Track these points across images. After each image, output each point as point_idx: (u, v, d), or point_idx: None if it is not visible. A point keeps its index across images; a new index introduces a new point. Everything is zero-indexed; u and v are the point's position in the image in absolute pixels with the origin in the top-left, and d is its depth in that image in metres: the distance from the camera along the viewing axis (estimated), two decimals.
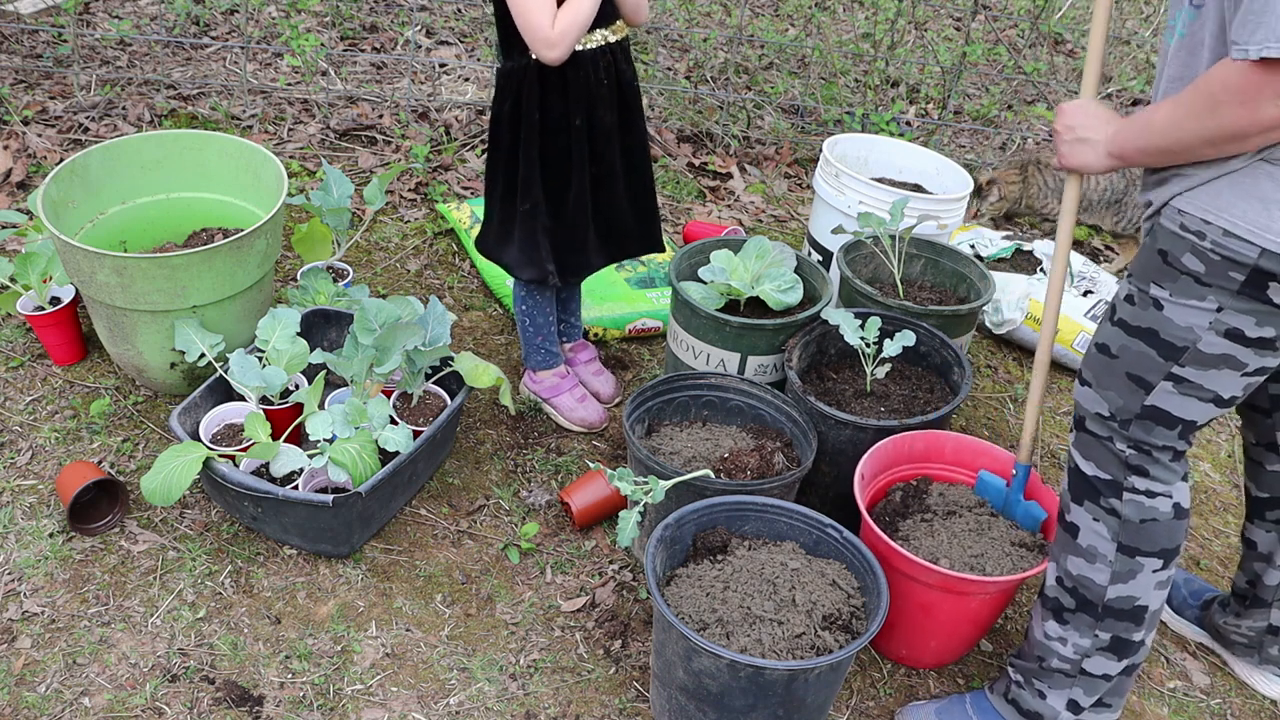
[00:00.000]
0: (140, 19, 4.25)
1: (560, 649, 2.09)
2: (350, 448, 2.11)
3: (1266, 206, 1.46)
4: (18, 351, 2.64)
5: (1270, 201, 1.46)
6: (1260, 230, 1.47)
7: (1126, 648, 1.78)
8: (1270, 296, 1.50)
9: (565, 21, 2.05)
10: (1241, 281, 1.50)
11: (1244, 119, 1.42)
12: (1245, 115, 1.41)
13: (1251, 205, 1.47)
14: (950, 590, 1.96)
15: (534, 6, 2.03)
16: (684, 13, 4.76)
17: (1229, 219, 1.49)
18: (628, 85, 2.26)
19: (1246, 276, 1.50)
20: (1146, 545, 1.72)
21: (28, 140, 3.39)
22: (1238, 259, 1.49)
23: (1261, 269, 1.48)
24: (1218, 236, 1.51)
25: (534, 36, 2.06)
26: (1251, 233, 1.47)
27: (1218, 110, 1.44)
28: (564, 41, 2.06)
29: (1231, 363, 1.57)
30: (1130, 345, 1.64)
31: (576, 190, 2.27)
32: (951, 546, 2.03)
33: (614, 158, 2.29)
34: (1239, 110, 1.42)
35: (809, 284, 2.63)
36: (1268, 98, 1.38)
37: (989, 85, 4.65)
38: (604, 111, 2.22)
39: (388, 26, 4.50)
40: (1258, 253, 1.47)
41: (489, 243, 2.41)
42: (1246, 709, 2.16)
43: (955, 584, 1.94)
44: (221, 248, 2.29)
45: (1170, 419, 1.65)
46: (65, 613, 2.04)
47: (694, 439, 2.32)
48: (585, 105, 2.19)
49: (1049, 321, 1.95)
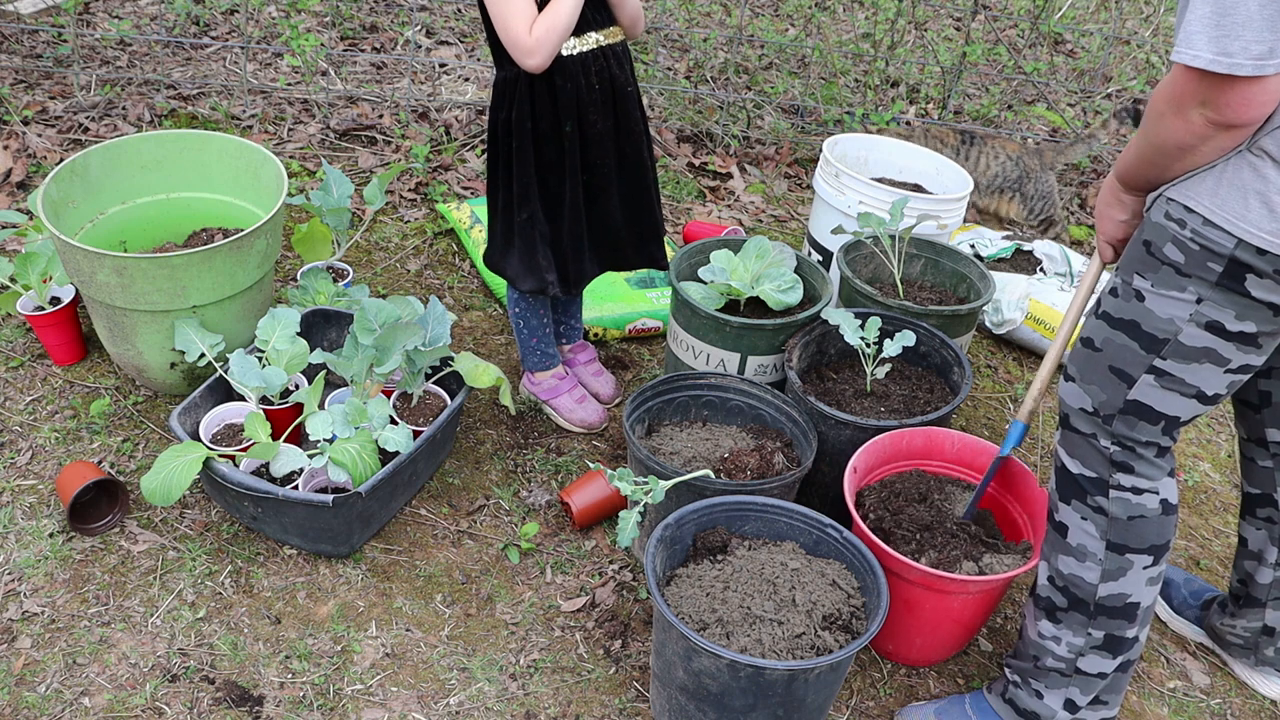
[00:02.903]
0: (140, 19, 4.25)
1: (560, 649, 2.09)
2: (350, 448, 2.11)
3: (1244, 196, 1.44)
4: (18, 351, 2.64)
5: (1249, 191, 1.44)
6: (1236, 220, 1.45)
7: (1120, 645, 1.78)
8: (1249, 289, 1.48)
9: (541, 28, 2.03)
10: (1219, 273, 1.49)
11: (1180, 128, 1.41)
12: (1180, 124, 1.41)
13: (1231, 194, 1.45)
14: (931, 588, 1.96)
15: (512, 14, 2.02)
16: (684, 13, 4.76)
17: (1208, 207, 1.48)
18: (622, 90, 2.22)
19: (1224, 268, 1.48)
20: (1135, 542, 1.72)
21: (28, 140, 3.39)
22: (1215, 249, 1.48)
23: (1238, 260, 1.46)
24: (1197, 225, 1.49)
25: (510, 43, 2.05)
26: (1229, 222, 1.46)
27: (1160, 121, 1.44)
28: (541, 49, 2.04)
29: (1213, 357, 1.56)
30: (1113, 338, 1.64)
31: (570, 198, 2.25)
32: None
33: (608, 165, 2.27)
34: (1175, 120, 1.41)
35: (809, 284, 2.63)
36: (1192, 105, 1.38)
37: (989, 85, 4.65)
38: (596, 117, 2.19)
39: (388, 26, 4.50)
40: (1234, 243, 1.46)
41: (494, 256, 2.38)
42: (1246, 709, 2.16)
43: (936, 582, 1.94)
44: (221, 248, 2.29)
45: (1153, 414, 1.64)
46: (65, 613, 2.04)
47: (694, 439, 2.32)
48: (575, 111, 2.17)
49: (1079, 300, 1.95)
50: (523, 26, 2.02)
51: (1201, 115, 1.38)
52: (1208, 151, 1.44)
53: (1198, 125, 1.39)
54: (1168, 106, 1.42)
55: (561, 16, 2.04)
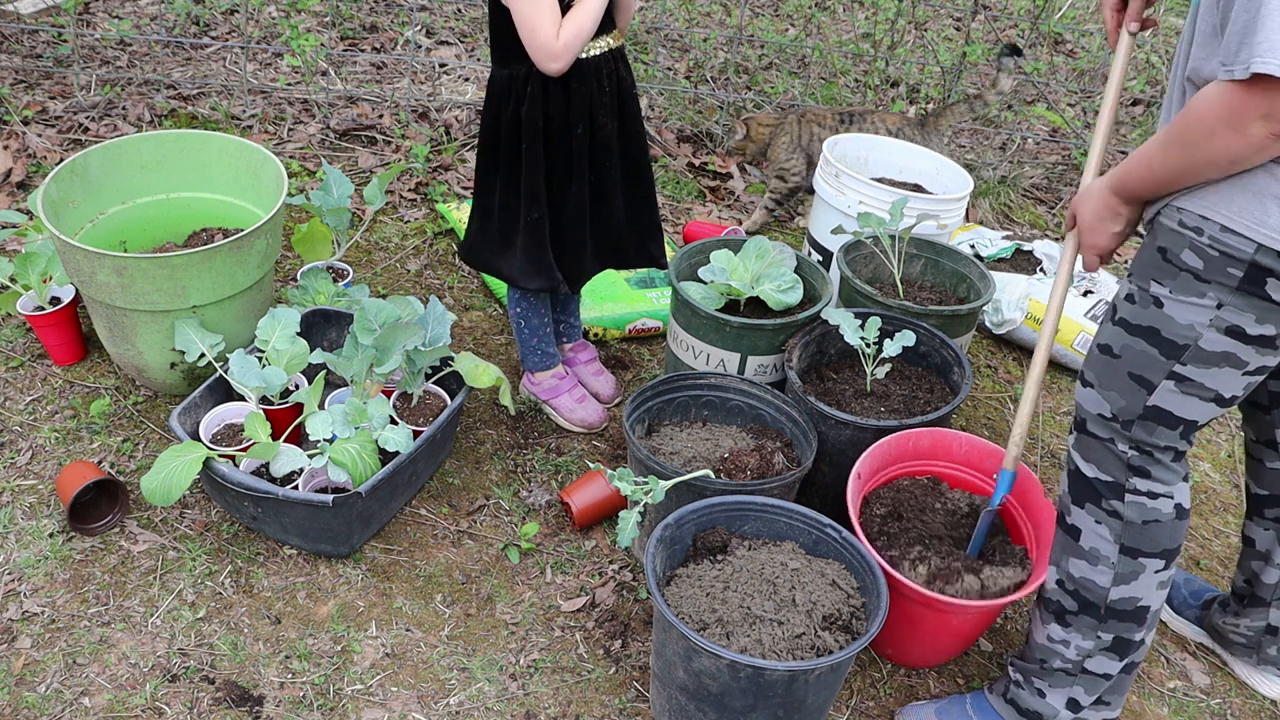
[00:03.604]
0: (140, 19, 4.25)
1: (560, 649, 2.09)
2: (350, 448, 2.11)
3: (1262, 201, 1.45)
4: (18, 351, 2.64)
5: (1266, 196, 1.45)
6: (1256, 225, 1.46)
7: (1128, 647, 1.78)
8: (1269, 293, 1.49)
9: (569, 33, 2.03)
10: (1240, 278, 1.50)
11: (1236, 142, 1.40)
12: (1237, 139, 1.40)
13: (1248, 200, 1.46)
14: (931, 607, 1.95)
15: (541, 19, 2.01)
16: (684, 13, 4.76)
17: (1226, 214, 1.48)
18: (627, 91, 2.26)
19: (1244, 273, 1.49)
20: (1149, 546, 1.72)
21: (28, 140, 3.39)
22: (1235, 255, 1.49)
23: (1259, 264, 1.47)
24: (1215, 232, 1.50)
25: (538, 47, 2.04)
26: (1248, 228, 1.46)
27: (1212, 137, 1.43)
28: (568, 53, 2.05)
29: (1233, 361, 1.57)
30: (1132, 345, 1.64)
31: (575, 198, 2.26)
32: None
33: (613, 165, 2.28)
34: (1230, 135, 1.40)
35: (809, 284, 2.63)
36: (1253, 118, 1.37)
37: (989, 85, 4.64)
38: (605, 118, 2.21)
39: (388, 26, 4.50)
40: (1254, 248, 1.47)
41: (480, 253, 2.37)
42: (1246, 709, 2.16)
43: (936, 603, 1.93)
44: (221, 248, 2.29)
45: (1172, 419, 1.64)
46: (65, 613, 2.04)
47: (694, 439, 2.32)
48: (588, 113, 2.18)
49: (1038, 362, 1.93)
50: (551, 30, 2.02)
51: (1265, 128, 1.37)
52: (1257, 162, 1.43)
53: (1258, 138, 1.38)
54: (1220, 123, 1.40)
55: (586, 21, 2.05)
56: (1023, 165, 4.08)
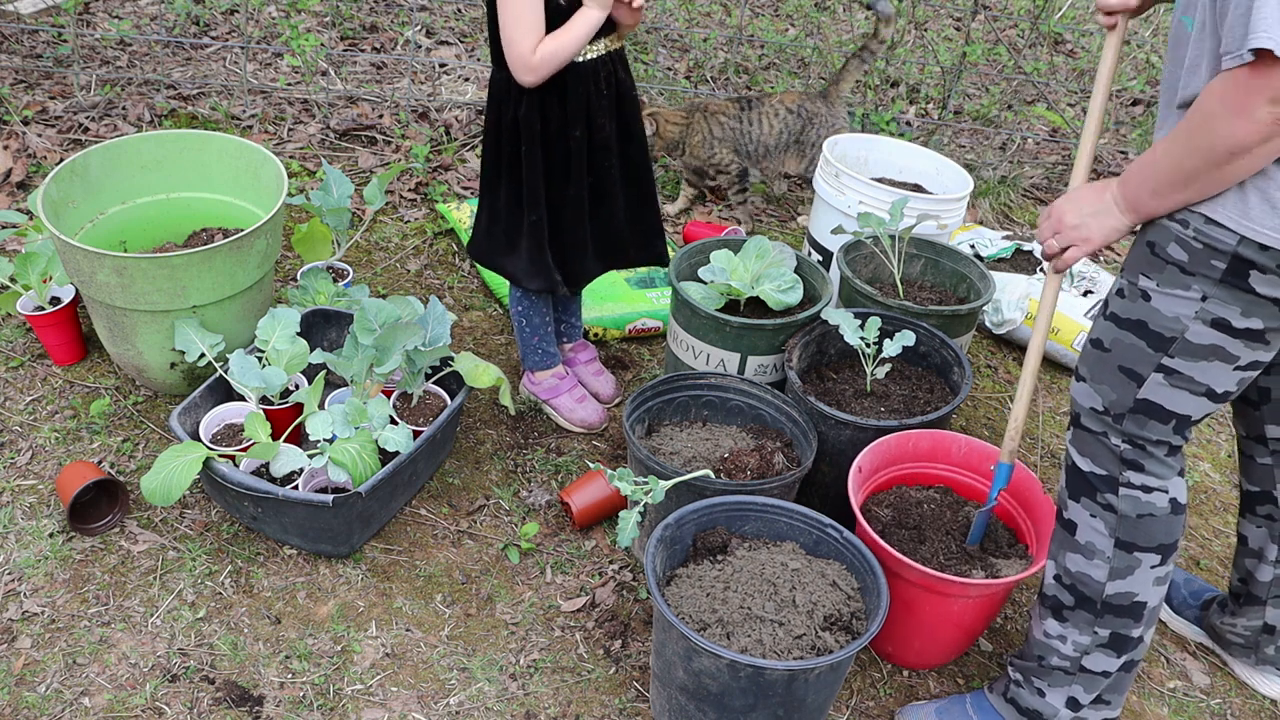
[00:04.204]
0: (140, 19, 4.25)
1: (560, 649, 2.09)
2: (350, 448, 2.11)
3: (1244, 193, 1.46)
4: (18, 351, 2.64)
5: (1249, 188, 1.45)
6: (1238, 217, 1.47)
7: (1126, 644, 1.78)
8: (1253, 285, 1.49)
9: (547, 51, 2.05)
10: (1223, 270, 1.50)
11: (1242, 129, 1.39)
12: (1243, 125, 1.38)
13: (1231, 192, 1.47)
14: (931, 590, 1.95)
15: (521, 31, 2.03)
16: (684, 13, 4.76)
17: (1209, 205, 1.49)
18: (626, 93, 2.26)
19: (1227, 265, 1.50)
20: (1144, 541, 1.72)
21: (28, 140, 3.39)
22: (1218, 247, 1.50)
23: (1241, 256, 1.48)
24: (1199, 224, 1.51)
25: (514, 57, 2.07)
26: (1231, 219, 1.47)
27: (1214, 126, 1.41)
28: (542, 69, 2.07)
29: (1221, 354, 1.57)
30: (1121, 338, 1.65)
31: (574, 200, 2.26)
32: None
33: (613, 167, 2.29)
34: (1235, 120, 1.39)
35: (809, 284, 2.63)
36: (1260, 103, 1.35)
37: (989, 85, 4.65)
38: (603, 120, 2.22)
39: (388, 26, 4.50)
40: (1236, 240, 1.48)
41: (487, 250, 2.38)
42: (1246, 709, 2.16)
43: (935, 584, 1.93)
44: (221, 248, 2.29)
45: (1163, 413, 1.65)
46: (65, 613, 2.04)
47: (694, 439, 2.32)
48: (585, 115, 2.18)
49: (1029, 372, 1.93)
50: (529, 44, 2.04)
51: (1272, 111, 1.35)
52: (1261, 154, 1.41)
53: (1265, 123, 1.36)
54: (1226, 109, 1.39)
55: (567, 46, 2.07)
56: (1023, 165, 4.09)
